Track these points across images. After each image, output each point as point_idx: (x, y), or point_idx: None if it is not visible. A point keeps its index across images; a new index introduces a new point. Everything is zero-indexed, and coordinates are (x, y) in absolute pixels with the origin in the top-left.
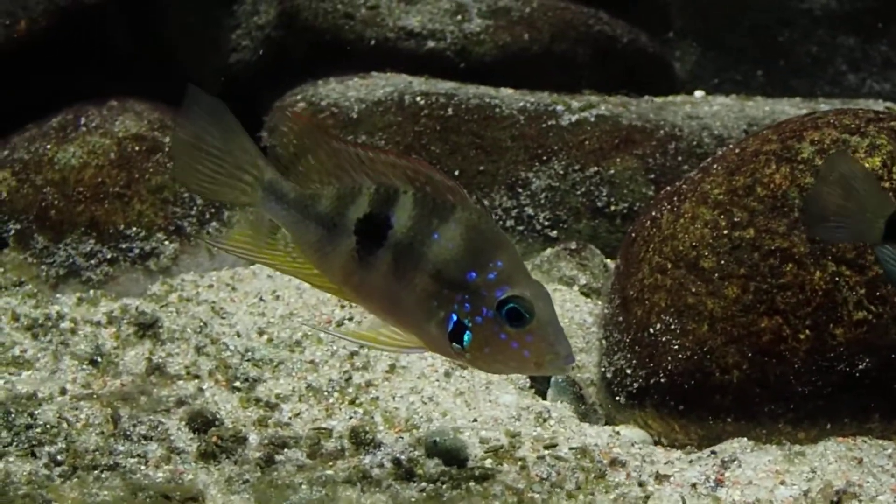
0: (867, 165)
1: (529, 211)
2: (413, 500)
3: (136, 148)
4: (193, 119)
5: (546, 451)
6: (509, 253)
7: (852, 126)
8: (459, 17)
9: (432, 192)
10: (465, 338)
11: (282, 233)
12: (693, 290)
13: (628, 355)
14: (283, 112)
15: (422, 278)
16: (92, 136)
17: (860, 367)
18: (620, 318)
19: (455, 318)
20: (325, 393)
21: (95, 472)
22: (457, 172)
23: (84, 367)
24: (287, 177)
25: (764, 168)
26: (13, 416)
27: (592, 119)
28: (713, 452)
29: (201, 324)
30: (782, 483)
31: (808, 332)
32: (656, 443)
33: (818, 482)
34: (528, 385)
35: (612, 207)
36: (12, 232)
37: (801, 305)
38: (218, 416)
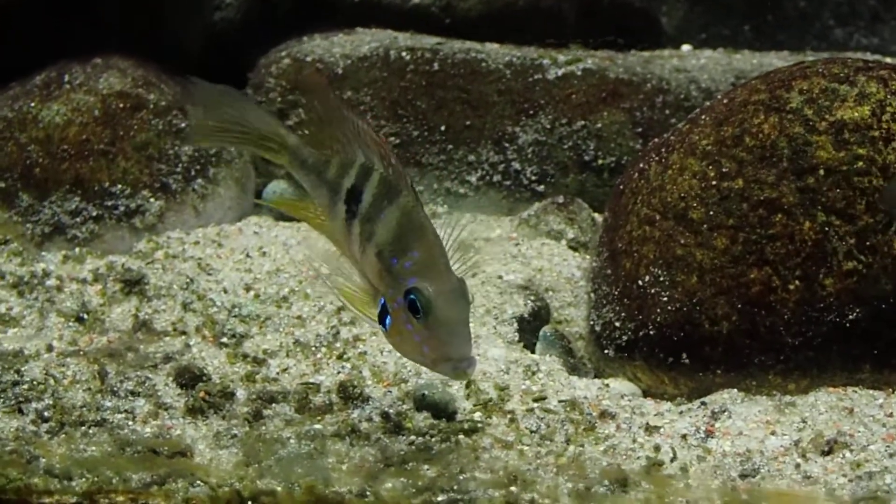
0: (856, 114)
1: (516, 165)
2: (402, 453)
3: (121, 105)
4: (207, 105)
5: (535, 404)
6: (427, 244)
7: (841, 75)
8: None
9: (391, 174)
10: (386, 321)
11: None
12: (682, 241)
13: (617, 308)
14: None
15: (371, 255)
16: (76, 93)
17: (850, 317)
18: (609, 271)
19: (382, 300)
20: (313, 348)
21: (83, 427)
22: (443, 128)
23: (70, 324)
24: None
25: (752, 118)
26: None
27: (579, 73)
28: (703, 404)
29: (188, 280)
30: (773, 433)
31: (797, 282)
32: (646, 395)
33: (809, 432)
34: (516, 339)
35: (600, 161)
36: None
37: (790, 256)
38: (205, 371)
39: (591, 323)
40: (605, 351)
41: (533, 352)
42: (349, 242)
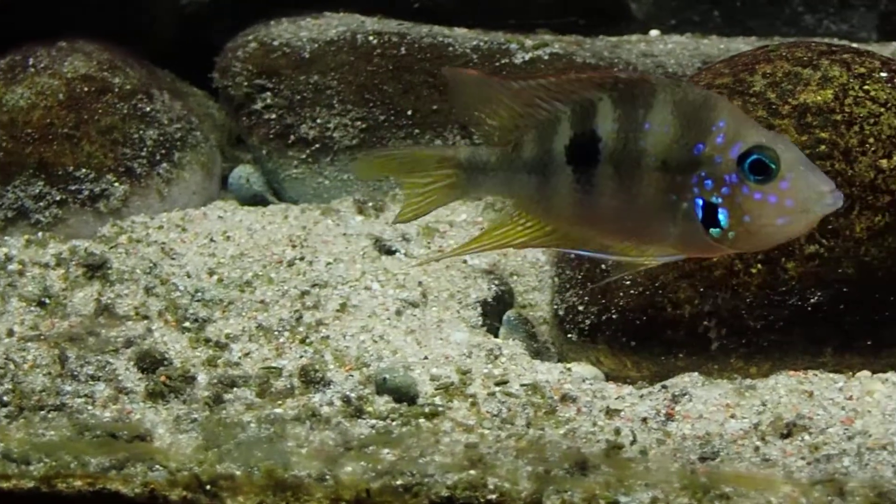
0: (819, 98)
1: None
2: (362, 437)
3: (86, 89)
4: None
5: (497, 388)
6: (728, 109)
7: (804, 59)
8: None
9: (626, 88)
10: (721, 217)
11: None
12: None
13: (580, 292)
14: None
15: (651, 176)
16: (40, 76)
17: (812, 301)
18: (572, 256)
19: (701, 201)
20: (276, 332)
21: (42, 412)
22: (410, 112)
23: (32, 308)
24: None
25: None
26: None
27: (546, 57)
28: (664, 387)
29: (151, 265)
30: (732, 416)
31: (759, 266)
32: (608, 379)
33: (768, 415)
34: (480, 323)
35: None
36: None
37: None
38: (167, 356)
39: (555, 307)
40: (569, 335)
41: (496, 336)
42: (588, 205)
